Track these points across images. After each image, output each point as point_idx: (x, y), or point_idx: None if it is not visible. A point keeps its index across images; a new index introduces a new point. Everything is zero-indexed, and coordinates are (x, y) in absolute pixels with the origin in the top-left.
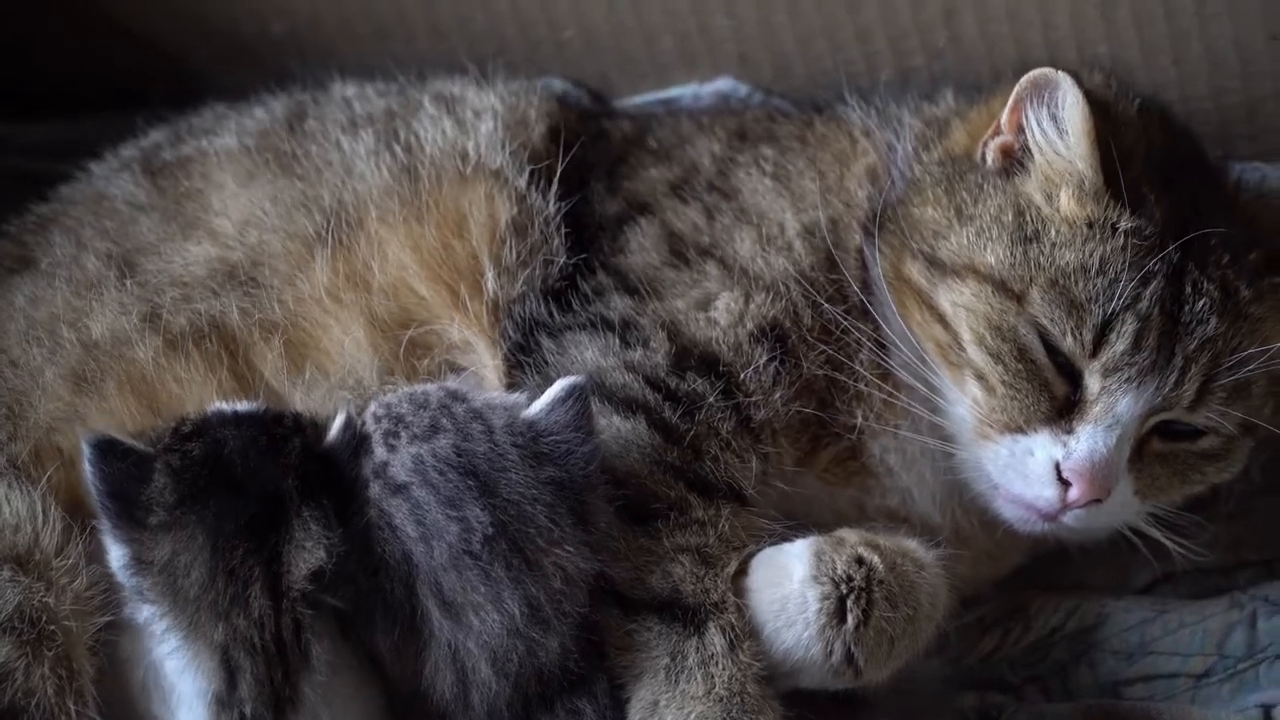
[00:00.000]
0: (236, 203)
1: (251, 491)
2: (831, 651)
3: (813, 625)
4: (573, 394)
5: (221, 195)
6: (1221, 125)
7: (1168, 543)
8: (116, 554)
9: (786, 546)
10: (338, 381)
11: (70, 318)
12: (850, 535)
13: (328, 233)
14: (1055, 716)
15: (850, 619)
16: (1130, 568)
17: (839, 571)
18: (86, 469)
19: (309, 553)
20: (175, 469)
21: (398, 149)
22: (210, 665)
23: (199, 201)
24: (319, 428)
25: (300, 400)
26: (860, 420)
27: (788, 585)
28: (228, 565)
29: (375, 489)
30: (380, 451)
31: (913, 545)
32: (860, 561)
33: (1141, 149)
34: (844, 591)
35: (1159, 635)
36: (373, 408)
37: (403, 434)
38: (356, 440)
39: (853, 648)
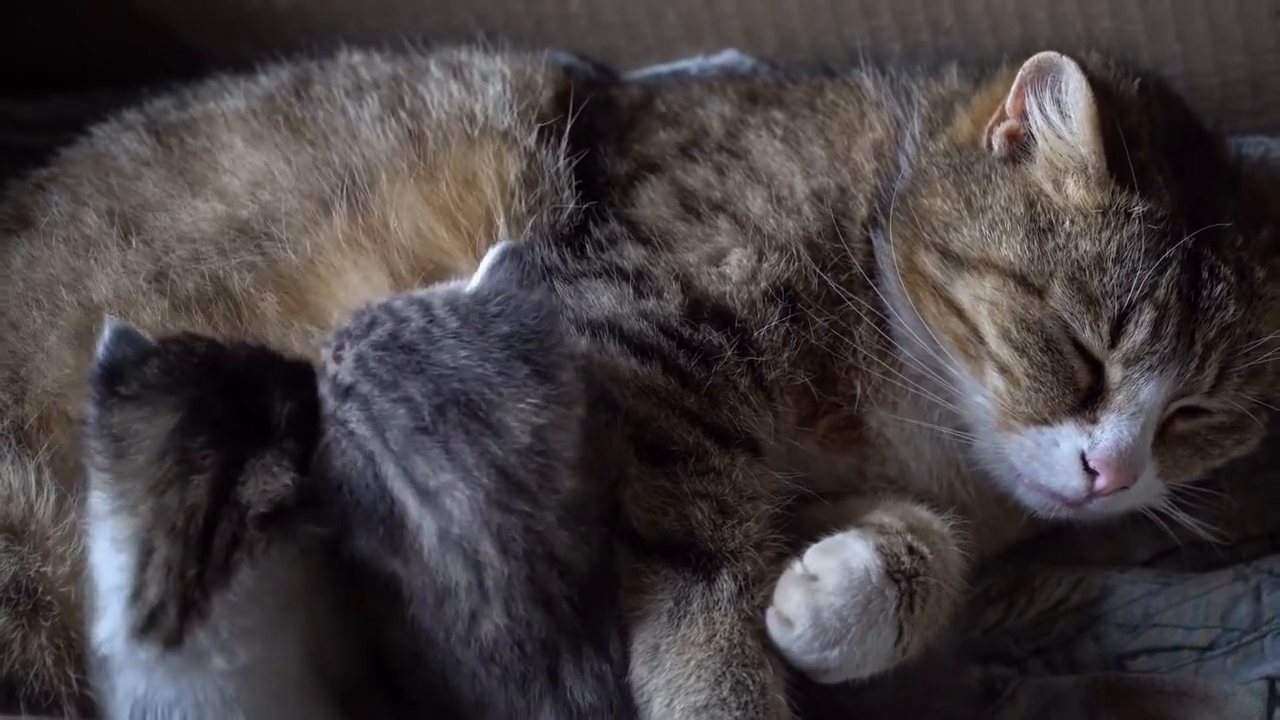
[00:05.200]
0: (245, 163)
1: (241, 400)
2: (898, 640)
3: (891, 620)
4: (504, 255)
5: (230, 155)
6: (1225, 100)
7: (1188, 521)
8: (89, 414)
9: (830, 546)
10: None
11: (69, 279)
12: (890, 521)
13: (343, 193)
14: (1060, 689)
15: (917, 609)
16: (1133, 541)
17: (907, 566)
18: (99, 350)
19: (276, 478)
20: (169, 355)
21: (403, 114)
22: (127, 542)
23: (206, 160)
24: None
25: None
26: (859, 393)
27: (869, 585)
28: (183, 448)
29: (330, 402)
30: (330, 366)
31: (930, 517)
32: (912, 551)
33: (1146, 130)
34: (915, 588)
35: (1163, 608)
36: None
37: (346, 343)
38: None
39: (913, 635)
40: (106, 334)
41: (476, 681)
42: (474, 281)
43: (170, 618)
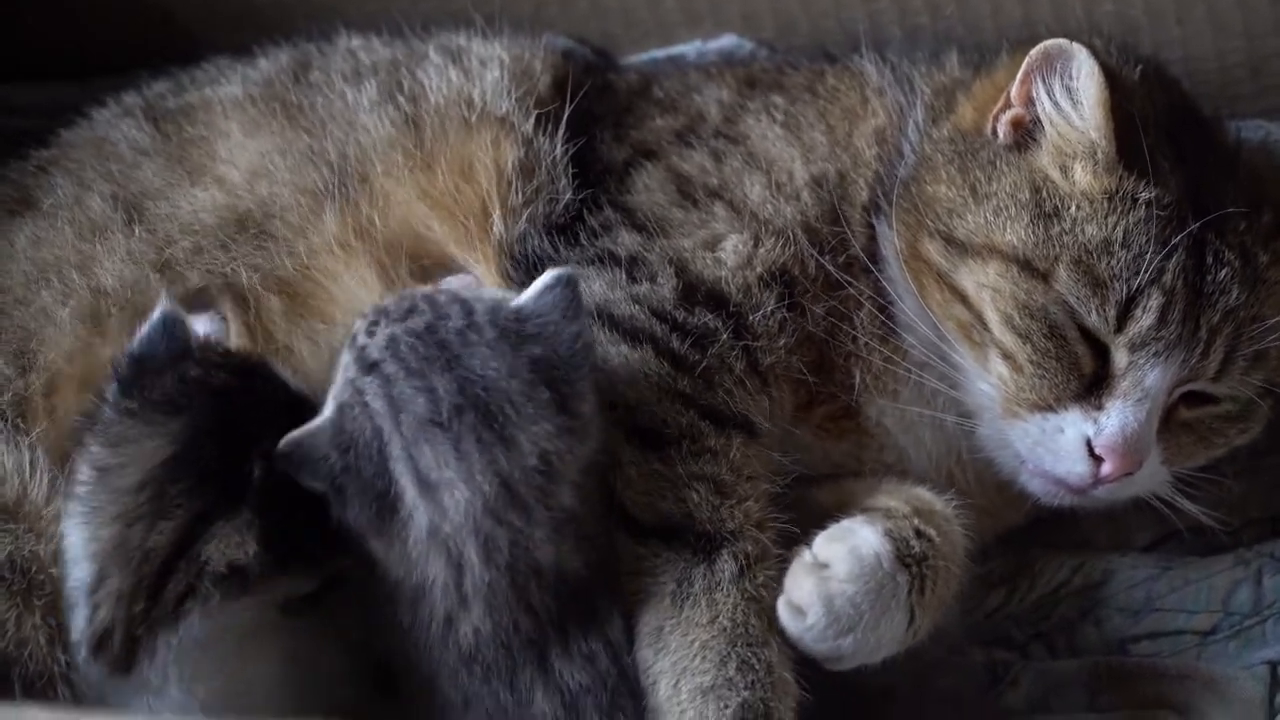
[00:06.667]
0: (243, 152)
1: (233, 445)
2: (910, 624)
3: (904, 605)
4: (559, 281)
5: (228, 144)
6: (1224, 85)
7: (1191, 507)
8: (102, 409)
9: (839, 533)
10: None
11: (78, 261)
12: (896, 505)
13: (335, 187)
14: (1061, 673)
15: (928, 592)
16: (1134, 525)
17: (916, 550)
18: (139, 334)
19: (239, 547)
20: (190, 374)
21: (401, 99)
22: (88, 560)
23: (204, 149)
24: None
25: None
26: (858, 380)
27: (881, 571)
28: (161, 488)
29: (352, 370)
30: (361, 338)
31: (933, 498)
32: (920, 534)
33: (1150, 116)
34: (925, 571)
35: (1165, 592)
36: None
37: (382, 320)
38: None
39: (924, 618)
40: (153, 318)
41: (458, 681)
42: (521, 297)
43: (116, 644)
